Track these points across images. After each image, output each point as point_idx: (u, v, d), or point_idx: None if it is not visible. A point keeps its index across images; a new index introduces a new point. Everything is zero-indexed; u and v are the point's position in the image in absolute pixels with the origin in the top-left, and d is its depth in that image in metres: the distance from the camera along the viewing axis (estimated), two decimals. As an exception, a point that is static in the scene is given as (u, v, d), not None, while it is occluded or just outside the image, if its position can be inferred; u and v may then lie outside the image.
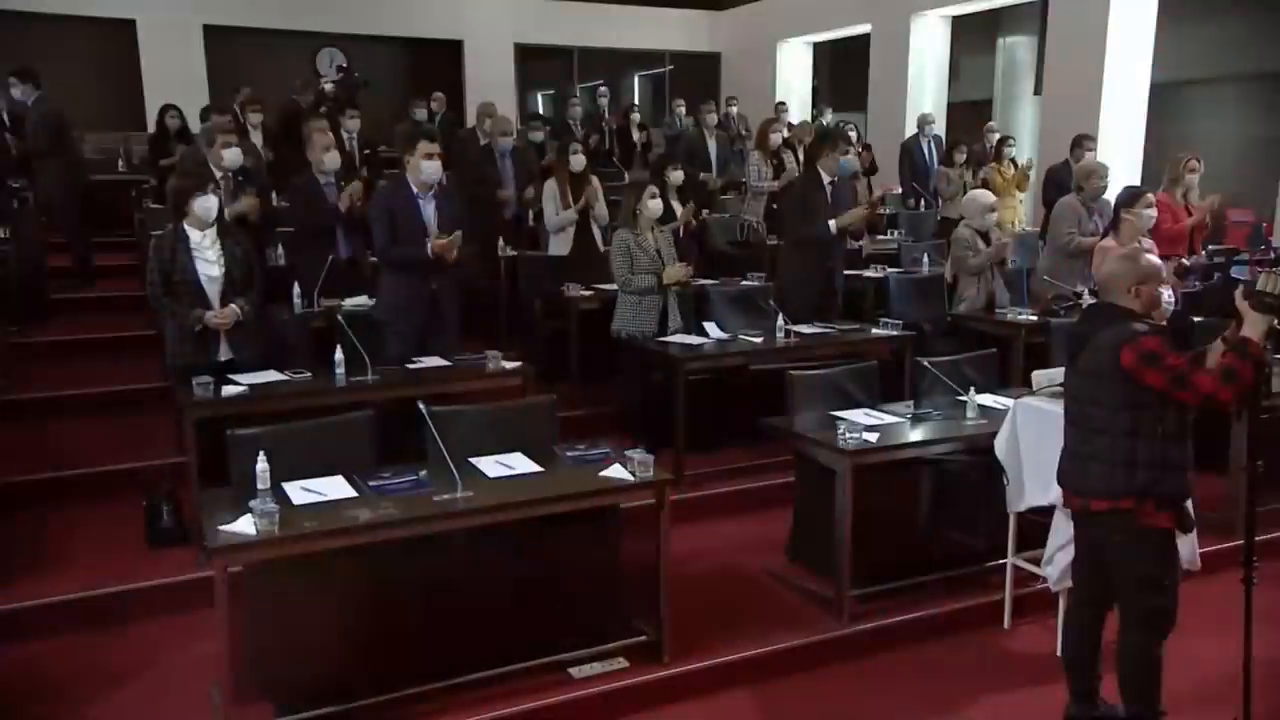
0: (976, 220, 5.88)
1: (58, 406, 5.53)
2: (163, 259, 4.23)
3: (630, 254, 5.14)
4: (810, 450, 3.94)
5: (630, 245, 5.15)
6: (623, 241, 5.17)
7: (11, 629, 3.62)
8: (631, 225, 5.20)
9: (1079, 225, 5.90)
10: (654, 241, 5.23)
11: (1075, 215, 5.93)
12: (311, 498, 3.15)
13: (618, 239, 5.23)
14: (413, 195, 4.69)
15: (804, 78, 13.85)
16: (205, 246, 4.29)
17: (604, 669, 3.43)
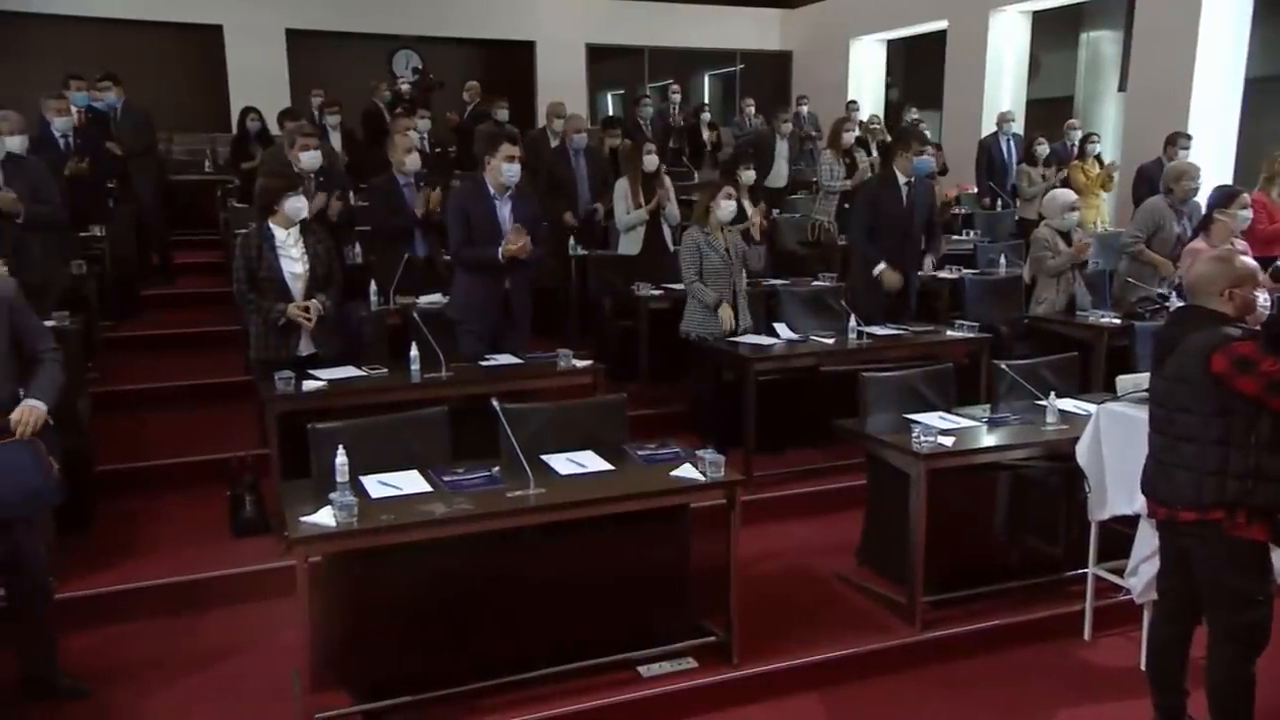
0: (1057, 220, 5.72)
1: (147, 398, 5.74)
2: (249, 256, 4.36)
3: (700, 252, 5.13)
4: (883, 453, 3.88)
5: (700, 244, 5.14)
6: (693, 240, 5.16)
7: (103, 611, 3.77)
8: (703, 224, 5.19)
9: (1163, 229, 5.69)
10: (724, 241, 5.21)
11: (1154, 220, 5.75)
12: (388, 492, 3.21)
13: (688, 237, 5.22)
14: (489, 196, 4.75)
15: (877, 76, 13.65)
16: (289, 245, 4.41)
17: (673, 669, 3.43)
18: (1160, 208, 5.78)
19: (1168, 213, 5.74)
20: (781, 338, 5.24)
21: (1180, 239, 5.65)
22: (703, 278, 5.15)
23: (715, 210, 5.16)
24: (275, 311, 4.34)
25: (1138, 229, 5.80)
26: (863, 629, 3.74)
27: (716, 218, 5.17)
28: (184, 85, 11.25)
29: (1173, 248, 5.69)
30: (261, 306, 4.35)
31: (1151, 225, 5.74)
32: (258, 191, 4.56)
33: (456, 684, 3.20)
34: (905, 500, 3.70)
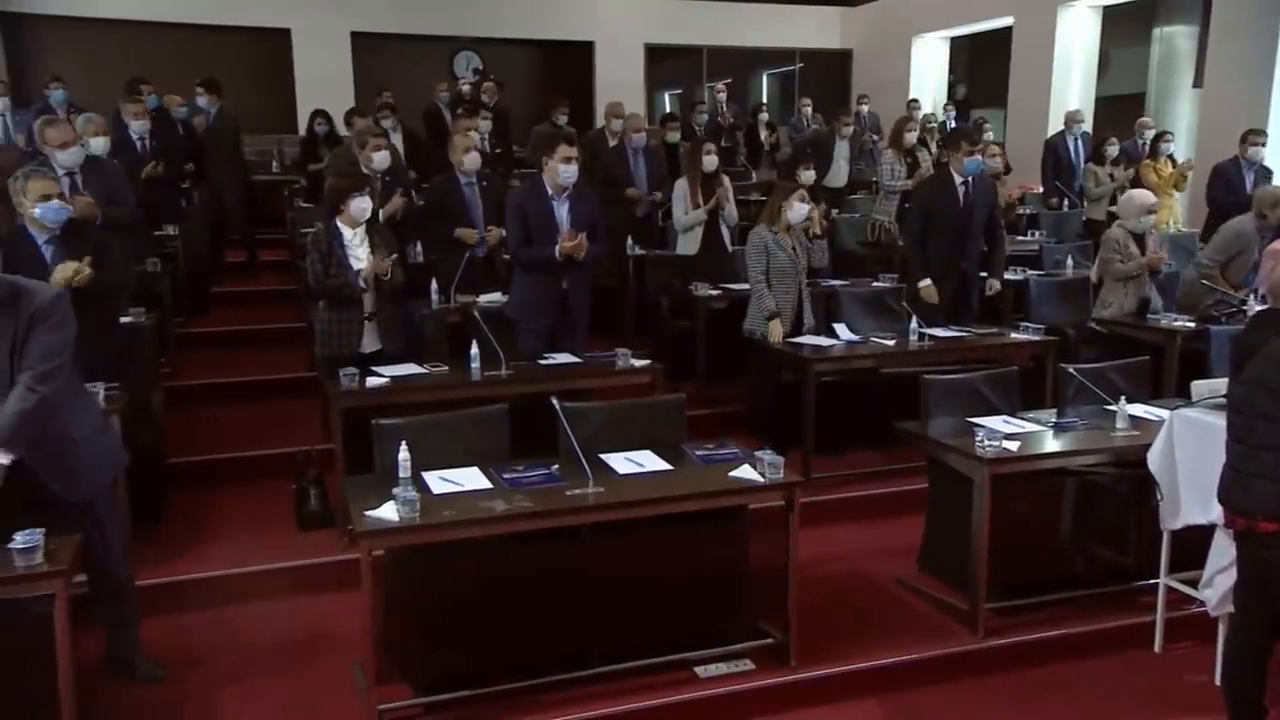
0: (1132, 221, 5.54)
1: (216, 393, 5.88)
2: (321, 251, 4.46)
3: (767, 252, 5.09)
4: (945, 457, 3.82)
5: (768, 243, 5.10)
6: (761, 239, 5.12)
7: (175, 599, 3.88)
8: (772, 224, 5.15)
9: (1244, 253, 5.35)
10: (791, 241, 5.17)
11: (1237, 245, 5.40)
12: (449, 488, 3.25)
13: (756, 236, 5.18)
14: (547, 196, 4.78)
15: (939, 74, 13.43)
16: (356, 244, 4.50)
17: (730, 670, 3.42)
18: (1246, 232, 5.44)
19: (1253, 238, 5.37)
20: (841, 339, 5.19)
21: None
22: (769, 277, 5.11)
23: (787, 211, 5.11)
24: (354, 278, 4.40)
25: (1217, 253, 5.46)
26: (923, 635, 3.68)
27: (787, 218, 5.13)
28: (253, 87, 11.51)
29: (1248, 274, 5.33)
30: (338, 284, 4.39)
31: (1232, 250, 5.42)
32: (326, 191, 4.66)
33: (516, 679, 3.23)
34: (968, 505, 3.63)
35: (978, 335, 5.27)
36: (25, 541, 2.58)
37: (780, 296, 5.12)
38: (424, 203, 6.07)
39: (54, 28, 11.45)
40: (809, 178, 6.34)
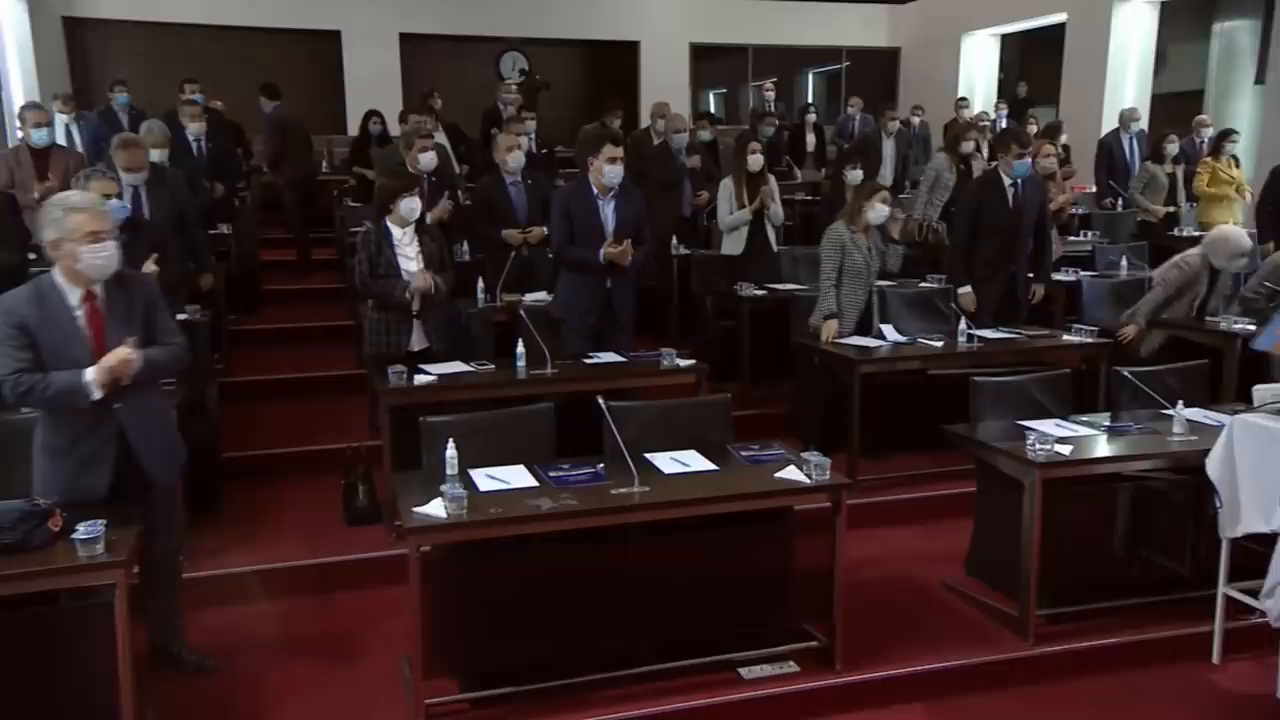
0: (1221, 260, 5.23)
1: (267, 389, 5.99)
2: (370, 251, 4.52)
3: (843, 250, 5.05)
4: (995, 460, 3.76)
5: (845, 242, 5.06)
6: (838, 237, 5.07)
7: (228, 591, 3.95)
8: (851, 223, 5.11)
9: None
10: (867, 241, 5.13)
11: None
12: (496, 485, 3.27)
13: (833, 233, 5.11)
14: (593, 196, 4.79)
15: (989, 72, 13.26)
16: (405, 244, 4.56)
17: (774, 672, 3.40)
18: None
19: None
20: (888, 340, 5.13)
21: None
22: (841, 276, 5.08)
23: (867, 211, 5.06)
24: (399, 288, 4.46)
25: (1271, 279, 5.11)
26: (971, 641, 3.63)
27: (867, 218, 5.08)
28: (304, 89, 11.69)
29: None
30: (385, 287, 4.46)
31: None
32: (376, 191, 4.72)
33: (560, 677, 3.24)
34: (1018, 509, 3.57)
35: (1028, 337, 5.19)
36: (88, 532, 2.65)
37: (849, 296, 5.09)
38: (470, 202, 6.12)
39: (115, 31, 11.75)
40: (855, 178, 6.27)
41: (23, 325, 2.89)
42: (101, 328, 3.00)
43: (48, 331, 2.92)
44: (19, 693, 2.76)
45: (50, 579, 2.68)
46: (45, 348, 2.92)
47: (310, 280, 8.25)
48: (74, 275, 2.96)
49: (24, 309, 2.92)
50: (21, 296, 2.97)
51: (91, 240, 2.92)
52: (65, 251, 2.92)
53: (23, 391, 2.88)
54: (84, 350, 2.96)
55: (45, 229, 2.94)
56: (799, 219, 8.81)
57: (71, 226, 2.90)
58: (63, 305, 2.96)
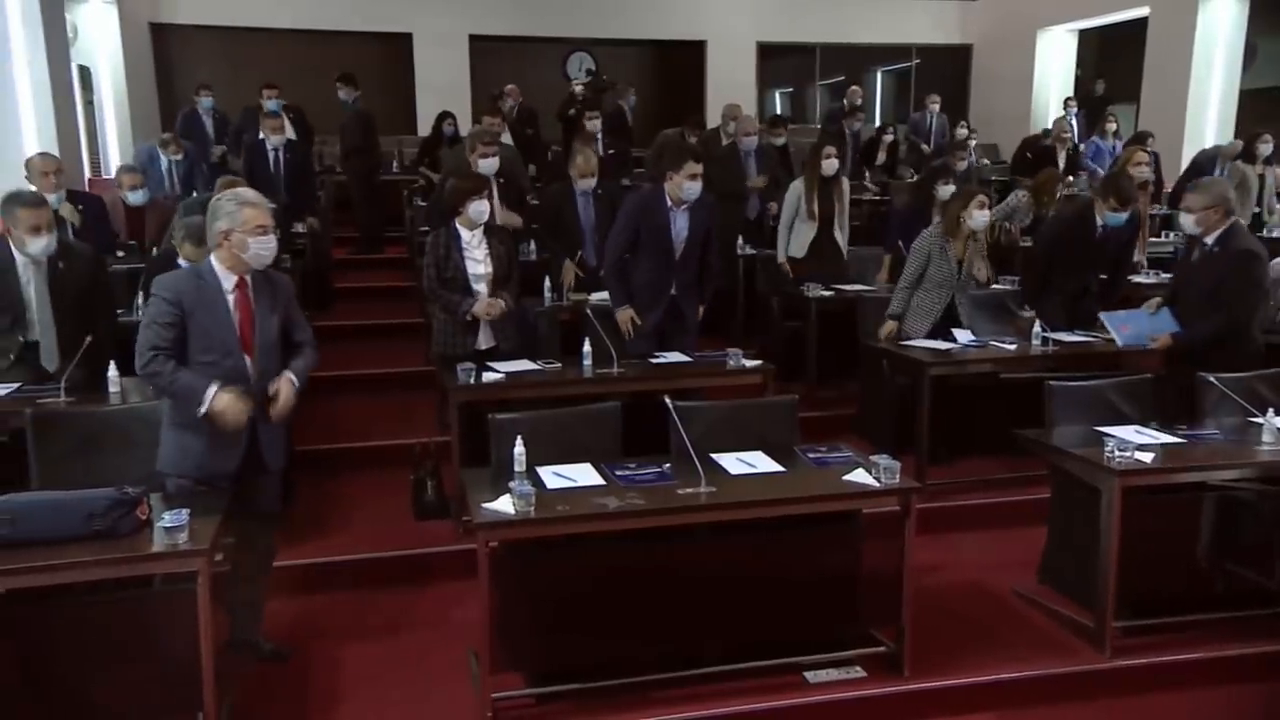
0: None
1: (338, 384, 6.11)
2: (438, 255, 4.59)
3: (928, 256, 5.03)
4: (1072, 467, 3.66)
5: (934, 251, 5.04)
6: (926, 243, 5.04)
7: (302, 581, 4.06)
8: (951, 231, 5.08)
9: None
10: (961, 250, 5.07)
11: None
12: (563, 483, 3.29)
13: (923, 239, 5.10)
14: (666, 208, 4.74)
15: (1066, 68, 12.90)
16: (474, 246, 4.62)
17: (840, 676, 3.37)
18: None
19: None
20: (960, 342, 5.03)
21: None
22: (922, 283, 5.05)
23: (966, 220, 5.00)
24: (464, 306, 4.53)
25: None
26: (1044, 651, 3.55)
27: (968, 226, 5.02)
28: (376, 90, 11.91)
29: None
30: (450, 300, 4.56)
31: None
32: (446, 194, 4.79)
33: (624, 675, 3.25)
34: (1094, 517, 3.48)
35: (1107, 341, 5.02)
36: (173, 521, 2.73)
37: (924, 301, 5.10)
38: (537, 206, 6.15)
39: (197, 36, 12.15)
40: (946, 193, 6.11)
41: (178, 303, 3.08)
42: (249, 314, 3.20)
43: (202, 312, 3.11)
44: (108, 673, 2.86)
45: (136, 565, 2.77)
46: (195, 327, 3.11)
47: (380, 278, 8.40)
48: (233, 262, 3.16)
49: (184, 287, 3.12)
50: (183, 277, 3.22)
51: (261, 233, 3.13)
52: (235, 241, 3.12)
53: (152, 371, 3.06)
54: (231, 334, 3.16)
55: (218, 219, 3.13)
56: (865, 219, 8.71)
57: (244, 218, 3.12)
58: (218, 290, 3.15)
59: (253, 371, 3.20)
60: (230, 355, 3.15)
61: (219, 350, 3.13)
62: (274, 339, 3.27)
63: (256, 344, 3.21)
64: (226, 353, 3.14)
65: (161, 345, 3.05)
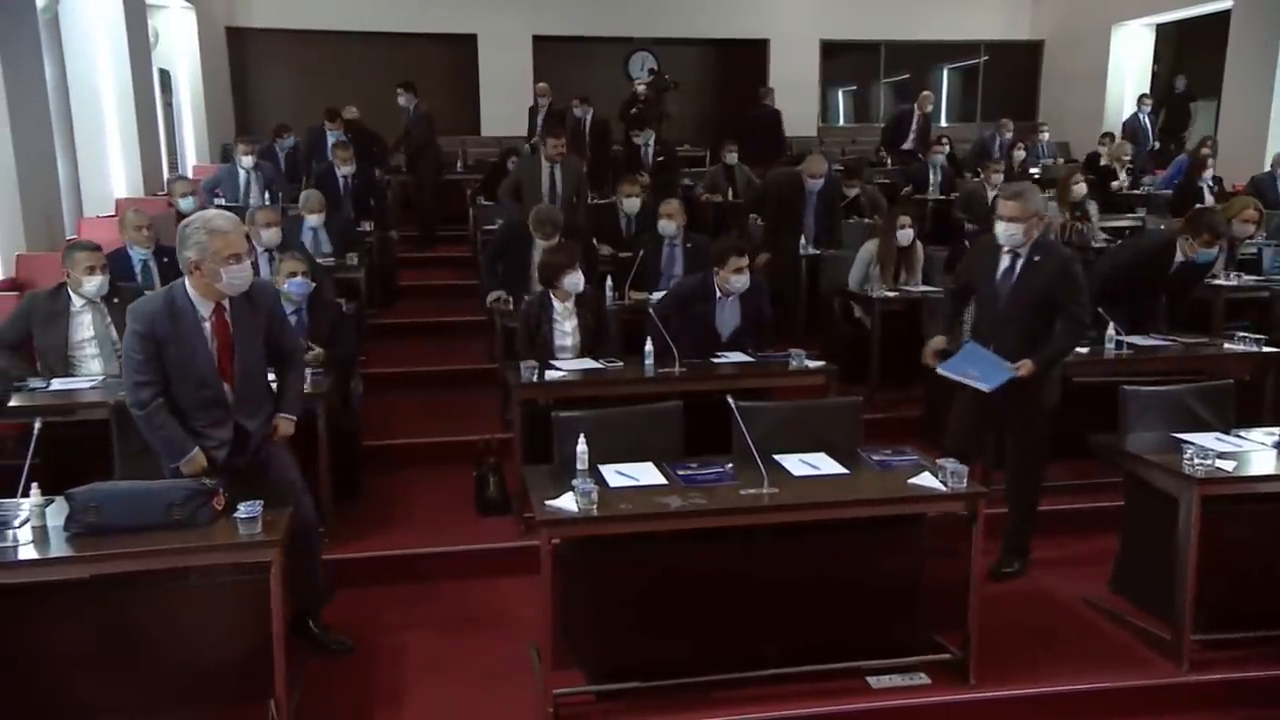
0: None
1: (403, 381, 6.22)
2: (530, 325, 4.75)
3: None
4: (1147, 474, 3.56)
5: None
6: None
7: (368, 573, 4.13)
8: None
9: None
10: None
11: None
12: (625, 482, 3.30)
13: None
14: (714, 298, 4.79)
15: (1143, 64, 12.53)
16: (564, 317, 4.77)
17: (904, 683, 3.32)
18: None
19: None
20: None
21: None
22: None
23: None
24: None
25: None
26: (1117, 662, 3.45)
27: None
28: (441, 90, 12.12)
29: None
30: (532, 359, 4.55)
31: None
32: (540, 267, 4.92)
33: (685, 675, 3.25)
34: (1171, 526, 3.38)
35: (1184, 345, 4.88)
36: (247, 512, 2.81)
37: None
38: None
39: (269, 39, 12.49)
40: None
41: (150, 335, 3.00)
42: (228, 341, 3.12)
43: (176, 345, 3.04)
44: (185, 658, 2.94)
45: (213, 554, 2.86)
46: (170, 359, 3.04)
47: (442, 275, 8.52)
48: (208, 290, 3.06)
49: (156, 323, 3.02)
50: (155, 308, 3.06)
51: (233, 261, 3.01)
52: (207, 270, 3.00)
53: (145, 413, 3.03)
54: (208, 363, 3.10)
55: (187, 249, 3.00)
56: (931, 218, 8.57)
57: (215, 249, 2.98)
58: (194, 318, 3.06)
59: (231, 398, 3.15)
60: (206, 386, 3.10)
61: (194, 381, 3.07)
62: (255, 364, 3.22)
63: (236, 372, 3.14)
64: (202, 384, 3.09)
65: (143, 379, 3.00)
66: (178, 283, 3.12)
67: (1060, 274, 3.92)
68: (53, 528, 2.86)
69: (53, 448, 3.34)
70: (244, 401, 3.19)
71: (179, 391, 3.07)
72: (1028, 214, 3.86)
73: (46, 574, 2.79)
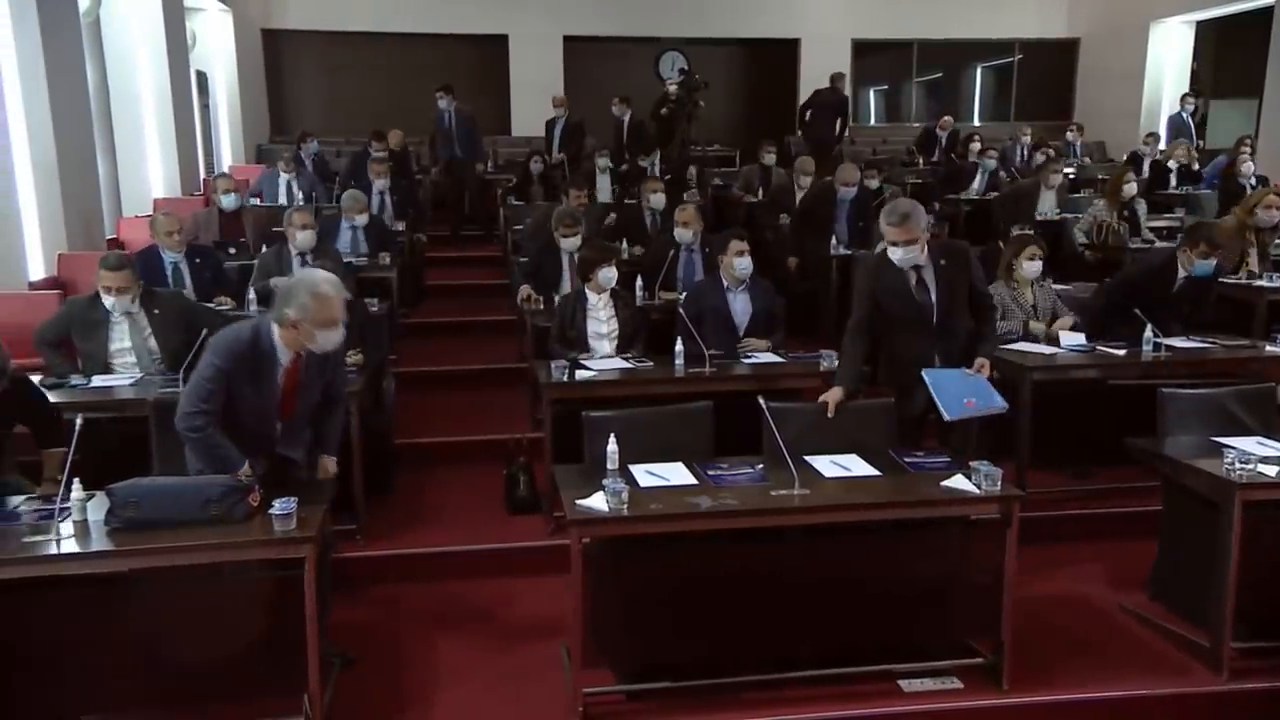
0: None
1: (433, 380, 6.25)
2: (565, 316, 4.81)
3: (1003, 308, 4.96)
4: (1188, 479, 3.50)
5: (1004, 299, 4.99)
6: (998, 295, 4.96)
7: (399, 569, 4.17)
8: (1007, 279, 5.04)
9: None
10: (1032, 296, 5.03)
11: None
12: (655, 481, 3.29)
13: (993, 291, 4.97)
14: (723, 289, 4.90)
15: (1182, 62, 12.32)
16: (599, 309, 4.86)
17: (936, 687, 3.29)
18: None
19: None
20: (1064, 346, 4.86)
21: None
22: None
23: (1018, 267, 5.00)
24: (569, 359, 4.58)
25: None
26: (1154, 669, 3.40)
27: (1020, 274, 5.01)
28: (474, 91, 12.19)
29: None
30: (566, 357, 4.62)
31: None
32: (577, 262, 5.05)
33: (716, 676, 3.24)
34: (1210, 532, 3.32)
35: (1225, 348, 4.79)
36: (282, 508, 2.84)
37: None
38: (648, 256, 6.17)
39: (304, 40, 12.63)
40: None
41: (228, 372, 3.08)
42: (295, 387, 3.22)
43: (250, 386, 3.13)
44: (217, 654, 2.97)
45: (249, 550, 2.90)
46: (238, 394, 3.12)
47: (472, 275, 8.57)
48: (294, 342, 3.13)
49: (239, 366, 3.10)
50: (242, 349, 3.12)
51: (331, 326, 3.10)
52: (303, 331, 3.08)
53: (194, 426, 3.06)
54: (273, 404, 3.20)
55: (289, 306, 3.06)
56: (964, 218, 8.51)
57: (315, 312, 3.05)
58: (273, 364, 3.16)
59: (279, 435, 3.27)
60: (263, 422, 3.21)
61: (253, 416, 3.17)
62: (311, 407, 3.33)
63: (295, 412, 3.27)
64: (260, 420, 3.19)
65: (207, 407, 3.06)
66: (264, 325, 3.17)
67: (970, 263, 3.92)
68: (93, 522, 2.91)
69: (94, 443, 3.39)
70: (288, 435, 3.30)
71: (233, 421, 3.14)
72: (919, 231, 3.75)
73: (88, 567, 2.84)
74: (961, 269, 3.88)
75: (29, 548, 2.80)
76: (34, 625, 2.91)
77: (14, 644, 2.89)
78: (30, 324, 4.58)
